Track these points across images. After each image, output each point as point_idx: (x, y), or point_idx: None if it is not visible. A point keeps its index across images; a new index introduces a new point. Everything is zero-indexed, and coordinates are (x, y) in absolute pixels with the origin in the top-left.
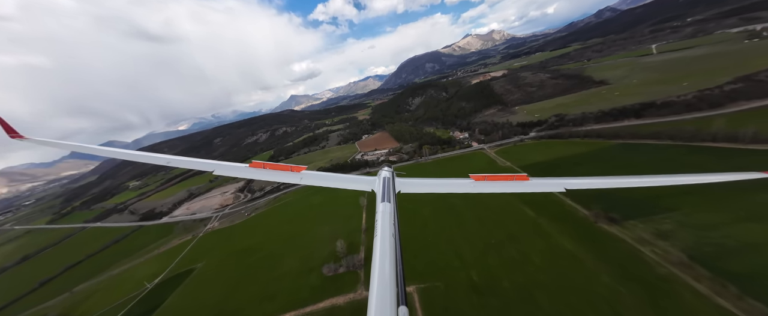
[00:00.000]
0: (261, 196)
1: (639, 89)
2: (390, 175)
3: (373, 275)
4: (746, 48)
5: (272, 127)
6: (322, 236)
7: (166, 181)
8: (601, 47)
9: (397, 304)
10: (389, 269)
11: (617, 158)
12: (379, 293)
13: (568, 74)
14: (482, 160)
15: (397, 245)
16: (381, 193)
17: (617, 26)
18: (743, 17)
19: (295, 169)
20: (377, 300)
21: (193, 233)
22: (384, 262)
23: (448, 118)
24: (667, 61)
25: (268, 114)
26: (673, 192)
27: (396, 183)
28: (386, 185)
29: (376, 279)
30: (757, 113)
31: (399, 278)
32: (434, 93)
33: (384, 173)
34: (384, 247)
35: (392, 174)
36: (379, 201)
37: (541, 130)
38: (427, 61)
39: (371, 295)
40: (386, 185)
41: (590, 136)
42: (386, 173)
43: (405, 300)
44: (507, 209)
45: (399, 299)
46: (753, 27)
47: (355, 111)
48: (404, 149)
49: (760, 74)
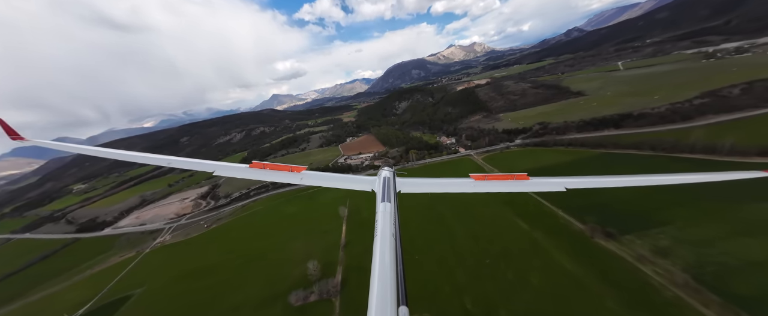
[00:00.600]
0: (226, 203)
1: (614, 100)
2: (390, 175)
3: (373, 275)
4: (705, 66)
5: (249, 127)
6: (293, 254)
7: (118, 184)
8: (572, 62)
9: (398, 304)
10: (389, 268)
11: (601, 166)
12: (379, 293)
13: (547, 84)
14: (470, 166)
15: (397, 245)
16: (381, 192)
17: (585, 44)
18: (695, 40)
19: (295, 169)
20: (377, 300)
21: (139, 249)
22: (384, 262)
23: (434, 123)
24: (636, 76)
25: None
26: (664, 204)
27: (396, 183)
28: (386, 185)
29: (376, 279)
30: (727, 126)
31: (399, 277)
32: (421, 98)
33: (384, 173)
34: (384, 247)
35: (392, 174)
36: (379, 201)
37: (526, 137)
38: (413, 67)
39: (371, 295)
40: (386, 185)
41: (574, 145)
42: (386, 173)
43: (405, 300)
44: (499, 221)
45: (399, 299)
46: (706, 49)
47: (340, 113)
48: (390, 154)
49: (722, 90)
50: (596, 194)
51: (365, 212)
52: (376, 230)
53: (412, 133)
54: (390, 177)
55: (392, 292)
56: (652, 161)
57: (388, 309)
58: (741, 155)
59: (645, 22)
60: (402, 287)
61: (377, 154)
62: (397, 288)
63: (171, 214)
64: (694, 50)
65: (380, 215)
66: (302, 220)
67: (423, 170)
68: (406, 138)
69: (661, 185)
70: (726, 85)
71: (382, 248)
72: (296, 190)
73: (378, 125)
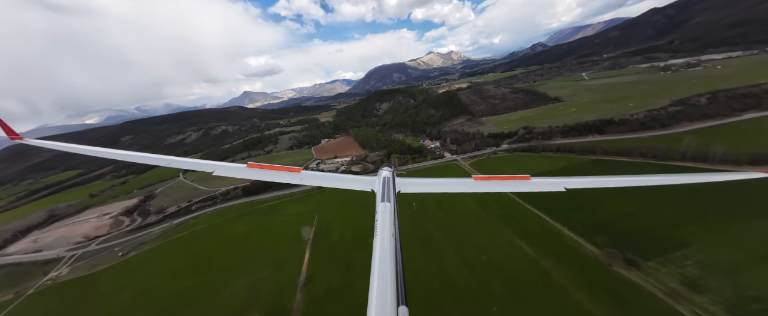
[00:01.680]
0: (158, 221)
1: (592, 106)
2: (390, 174)
3: (373, 275)
4: (665, 78)
5: (208, 125)
6: (231, 299)
7: (29, 194)
8: (541, 72)
9: (397, 304)
10: (389, 268)
11: (593, 173)
12: (379, 293)
13: (526, 90)
14: (457, 172)
15: (397, 245)
16: (381, 192)
17: (549, 57)
18: (646, 56)
19: (294, 169)
20: (377, 300)
21: (19, 288)
22: (384, 262)
23: (417, 125)
24: (604, 85)
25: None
26: (672, 221)
27: (396, 183)
28: (386, 185)
29: (376, 279)
30: (706, 133)
31: (399, 277)
32: (402, 99)
33: (384, 173)
34: (384, 247)
35: (392, 174)
36: (378, 201)
37: (513, 142)
38: (394, 71)
39: (371, 295)
40: (386, 185)
41: (563, 151)
42: (386, 173)
43: (405, 300)
44: (499, 244)
45: (399, 298)
46: (657, 63)
47: (318, 112)
48: (370, 158)
49: (690, 99)
50: (597, 208)
51: (338, 231)
52: (375, 230)
53: (394, 136)
54: (390, 177)
55: (392, 292)
56: (644, 168)
57: (388, 309)
58: (734, 164)
59: (600, 40)
60: (402, 287)
61: (355, 158)
62: (397, 288)
63: (79, 236)
64: (647, 64)
65: (380, 215)
66: (253, 244)
67: None
68: (387, 141)
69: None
70: (693, 95)
71: (382, 248)
72: (252, 203)
73: (357, 126)
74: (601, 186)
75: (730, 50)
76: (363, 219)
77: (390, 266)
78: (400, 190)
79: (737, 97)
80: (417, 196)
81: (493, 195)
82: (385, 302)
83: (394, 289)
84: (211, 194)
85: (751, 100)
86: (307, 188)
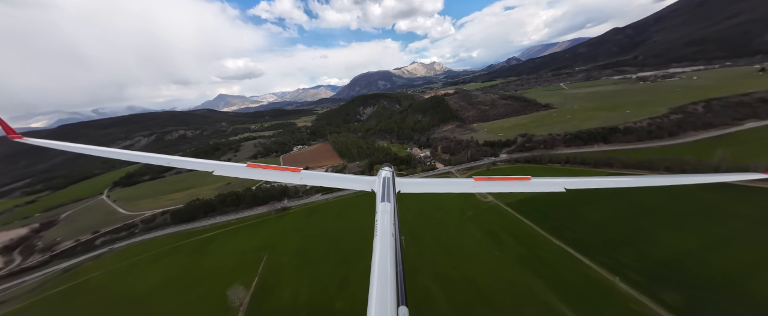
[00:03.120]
0: (45, 262)
1: (586, 114)
2: (390, 174)
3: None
4: (648, 88)
5: (164, 130)
6: None
7: None
8: (519, 82)
9: (397, 304)
10: (389, 268)
11: (626, 193)
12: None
13: (515, 97)
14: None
15: (397, 244)
16: (381, 192)
17: (525, 69)
18: (616, 69)
19: (293, 169)
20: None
21: None
22: (384, 262)
23: (404, 131)
24: (589, 93)
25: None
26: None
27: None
28: (386, 185)
29: (376, 279)
30: (716, 143)
31: (399, 277)
32: (387, 104)
33: (384, 173)
34: (384, 247)
35: (392, 174)
36: (378, 201)
37: (511, 151)
38: (379, 78)
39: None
40: (386, 185)
41: (573, 163)
42: (386, 173)
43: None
44: (531, 309)
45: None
46: (629, 76)
47: (297, 117)
48: (349, 168)
49: (687, 107)
50: (646, 244)
51: (291, 284)
52: (375, 230)
53: (378, 143)
54: (390, 177)
55: (392, 292)
56: (676, 187)
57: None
58: None
59: (570, 55)
60: (402, 287)
61: (330, 170)
62: (396, 288)
63: None
64: (619, 76)
65: (380, 215)
66: (157, 312)
67: None
68: (370, 149)
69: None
70: (688, 103)
71: (382, 248)
72: (182, 233)
73: (337, 132)
74: (601, 187)
75: (692, 64)
76: (331, 263)
77: (390, 266)
78: (400, 190)
79: (732, 105)
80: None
81: (503, 223)
82: (385, 302)
83: (394, 289)
84: (130, 220)
85: (746, 109)
86: (263, 211)
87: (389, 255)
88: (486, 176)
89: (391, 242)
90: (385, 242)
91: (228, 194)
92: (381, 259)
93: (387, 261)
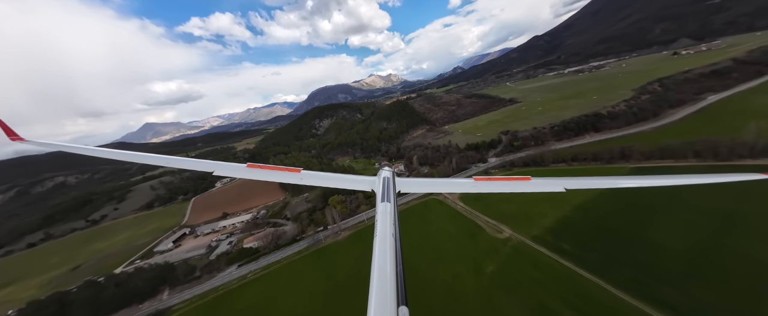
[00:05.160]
0: None
1: (557, 104)
2: (390, 174)
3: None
4: (591, 77)
5: (36, 179)
6: None
7: None
8: (470, 85)
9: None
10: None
11: (686, 198)
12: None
13: (478, 94)
14: (450, 223)
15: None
16: (381, 192)
17: (471, 75)
18: (548, 68)
19: (293, 170)
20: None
21: None
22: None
23: (368, 142)
24: (540, 87)
25: (37, 155)
26: None
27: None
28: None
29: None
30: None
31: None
32: (347, 114)
33: (384, 173)
34: (384, 246)
35: (392, 174)
36: (379, 201)
37: (500, 153)
38: (339, 91)
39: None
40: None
41: (582, 160)
42: (386, 173)
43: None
44: None
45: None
46: (561, 71)
47: (239, 140)
48: (292, 205)
49: (647, 87)
50: None
51: None
52: (375, 230)
53: (338, 161)
54: (390, 177)
55: (392, 292)
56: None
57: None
58: None
59: (505, 60)
60: (402, 287)
61: (259, 216)
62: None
63: None
64: (553, 73)
65: (380, 215)
66: None
67: (350, 244)
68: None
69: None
70: (644, 84)
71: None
72: None
73: (285, 152)
74: (601, 187)
75: (605, 58)
76: None
77: (390, 266)
78: (400, 189)
79: (680, 82)
80: None
81: (548, 281)
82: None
83: (394, 289)
84: None
85: (695, 84)
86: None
87: (389, 255)
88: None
89: (391, 242)
90: (384, 242)
91: (51, 299)
92: (381, 259)
93: (387, 261)
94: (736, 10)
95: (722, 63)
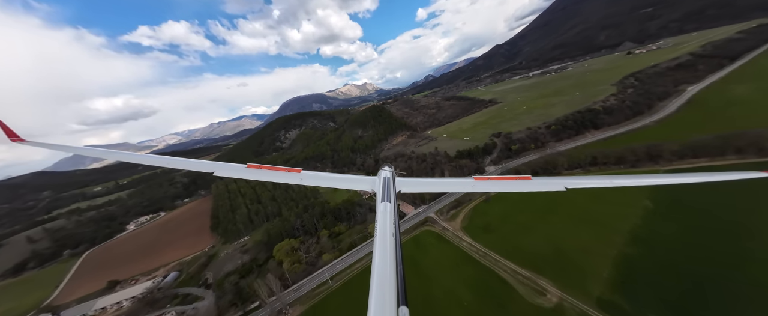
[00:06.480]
0: None
1: (540, 102)
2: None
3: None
4: (561, 76)
5: None
6: None
7: None
8: (442, 91)
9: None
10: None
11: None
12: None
13: (458, 96)
14: (455, 278)
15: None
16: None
17: (442, 82)
18: (512, 72)
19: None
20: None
21: None
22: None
23: (341, 154)
24: (514, 88)
25: None
26: None
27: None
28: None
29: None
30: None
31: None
32: (318, 123)
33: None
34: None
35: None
36: (379, 201)
37: (496, 159)
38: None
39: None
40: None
41: (602, 164)
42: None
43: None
44: None
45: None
46: (527, 74)
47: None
48: (219, 260)
49: (624, 81)
50: None
51: None
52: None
53: None
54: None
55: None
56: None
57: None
58: None
59: (472, 68)
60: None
61: (162, 284)
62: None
63: None
64: (519, 76)
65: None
66: None
67: None
68: (279, 198)
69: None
70: (621, 78)
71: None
72: None
73: None
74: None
75: (563, 62)
76: None
77: (390, 266)
78: (400, 189)
79: (651, 76)
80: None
81: None
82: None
83: (394, 289)
84: None
85: (666, 77)
86: None
87: (389, 255)
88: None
89: (391, 242)
90: (384, 242)
91: None
92: (381, 259)
93: (387, 261)
94: (667, 17)
95: (683, 57)
